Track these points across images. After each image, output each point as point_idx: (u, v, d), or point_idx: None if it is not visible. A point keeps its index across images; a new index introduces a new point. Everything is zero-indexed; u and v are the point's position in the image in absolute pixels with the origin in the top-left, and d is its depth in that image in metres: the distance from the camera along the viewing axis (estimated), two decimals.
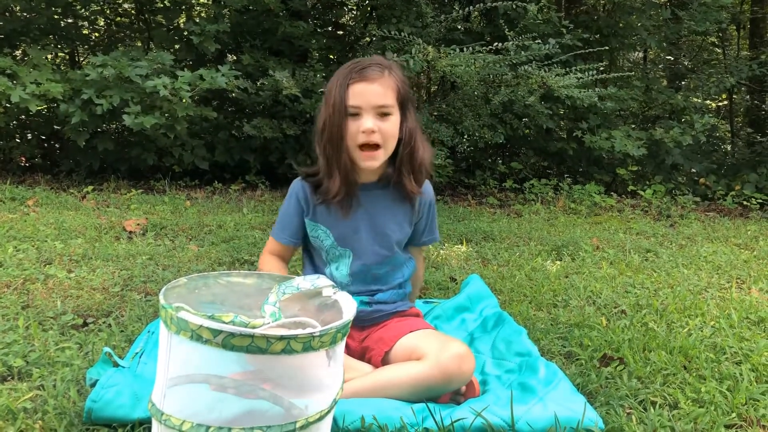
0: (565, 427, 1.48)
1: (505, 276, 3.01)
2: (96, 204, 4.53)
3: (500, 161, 7.32)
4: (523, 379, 1.69)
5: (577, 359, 1.99)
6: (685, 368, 1.92)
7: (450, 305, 2.29)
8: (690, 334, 2.22)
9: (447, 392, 1.62)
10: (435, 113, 6.12)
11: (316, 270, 1.86)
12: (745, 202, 6.14)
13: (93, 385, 1.61)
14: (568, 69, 5.56)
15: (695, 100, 7.81)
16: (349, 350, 1.77)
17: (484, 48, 5.45)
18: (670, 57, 8.57)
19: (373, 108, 1.68)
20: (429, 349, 1.62)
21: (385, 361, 1.72)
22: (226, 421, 1.16)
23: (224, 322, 1.12)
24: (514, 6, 5.77)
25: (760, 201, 6.11)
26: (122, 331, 2.08)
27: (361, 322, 1.83)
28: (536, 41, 5.56)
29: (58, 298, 2.37)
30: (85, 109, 4.97)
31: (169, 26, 6.59)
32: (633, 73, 7.45)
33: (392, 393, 1.59)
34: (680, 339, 2.13)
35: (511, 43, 5.44)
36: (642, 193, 5.99)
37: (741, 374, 1.85)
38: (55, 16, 6.04)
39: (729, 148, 8.30)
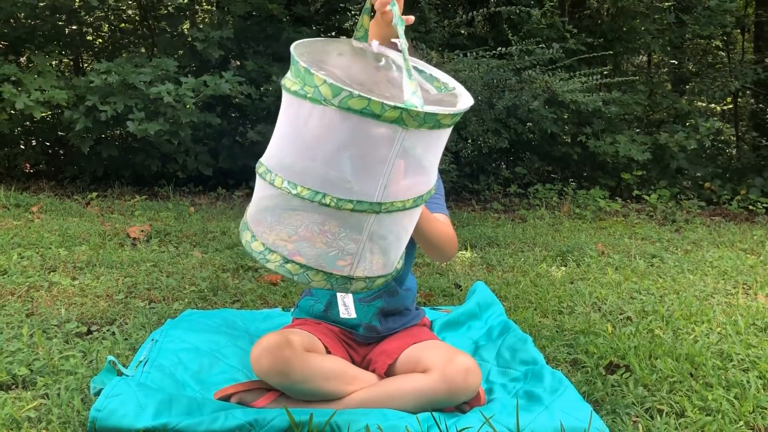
0: None
1: (510, 282, 3.00)
2: (100, 210, 4.53)
3: (504, 166, 7.30)
4: (529, 388, 1.68)
5: (583, 367, 1.98)
6: (691, 375, 1.90)
7: (460, 313, 2.28)
8: (696, 340, 2.21)
9: (452, 405, 1.60)
10: None
11: None
12: (750, 207, 6.10)
13: (97, 394, 1.61)
14: (572, 73, 5.55)
15: (700, 104, 7.78)
16: (352, 362, 1.75)
17: (487, 53, 5.44)
18: (674, 61, 8.54)
19: None
20: (434, 362, 1.60)
21: (389, 373, 1.71)
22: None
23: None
24: (517, 11, 5.76)
25: (766, 205, 6.08)
26: (126, 339, 2.07)
27: (366, 340, 1.82)
28: (540, 46, 5.55)
29: (62, 305, 2.37)
30: (89, 116, 4.97)
31: (172, 32, 6.60)
32: (637, 77, 7.43)
33: (397, 405, 1.57)
34: (686, 346, 2.11)
35: (514, 47, 5.44)
36: (647, 197, 5.96)
37: (748, 382, 1.84)
38: (59, 23, 6.05)
39: (734, 152, 8.26)
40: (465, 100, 1.32)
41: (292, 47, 1.26)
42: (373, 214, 1.24)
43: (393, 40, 1.47)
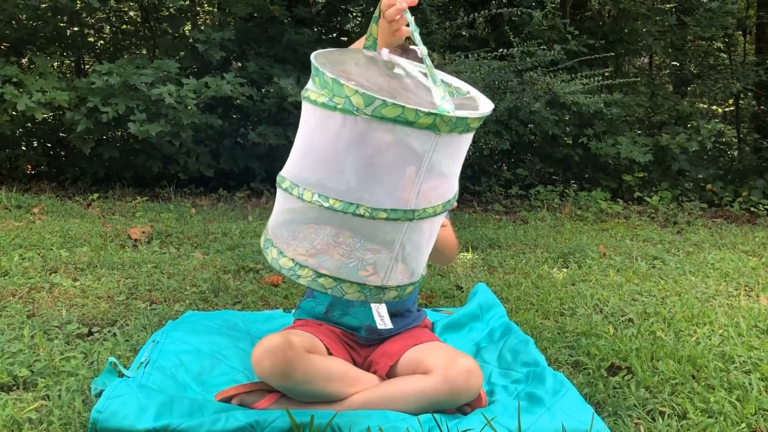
0: None
1: (512, 284, 2.99)
2: (101, 212, 4.54)
3: (506, 168, 7.30)
4: (531, 390, 1.68)
5: (585, 368, 1.97)
6: (693, 377, 1.90)
7: (461, 314, 2.28)
8: (698, 342, 2.20)
9: (454, 407, 1.60)
10: None
11: None
12: (752, 208, 6.10)
13: (98, 395, 1.61)
14: (573, 75, 5.55)
15: (701, 105, 7.77)
16: (353, 364, 1.75)
17: (489, 54, 5.44)
18: (675, 63, 8.54)
19: None
20: (436, 363, 1.60)
21: (390, 374, 1.71)
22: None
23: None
24: (519, 12, 5.76)
25: None
26: (127, 340, 2.07)
27: (367, 341, 1.82)
28: (541, 47, 5.55)
29: (63, 306, 2.37)
30: (91, 117, 4.98)
31: (174, 34, 6.60)
32: (639, 78, 7.43)
33: (398, 406, 1.57)
34: (688, 348, 2.11)
35: (516, 49, 5.43)
36: (648, 199, 5.96)
37: (750, 384, 1.83)
38: (61, 24, 6.05)
39: (736, 153, 8.26)
40: (486, 103, 1.32)
41: (312, 58, 1.24)
42: (407, 221, 1.23)
43: (412, 47, 1.47)
